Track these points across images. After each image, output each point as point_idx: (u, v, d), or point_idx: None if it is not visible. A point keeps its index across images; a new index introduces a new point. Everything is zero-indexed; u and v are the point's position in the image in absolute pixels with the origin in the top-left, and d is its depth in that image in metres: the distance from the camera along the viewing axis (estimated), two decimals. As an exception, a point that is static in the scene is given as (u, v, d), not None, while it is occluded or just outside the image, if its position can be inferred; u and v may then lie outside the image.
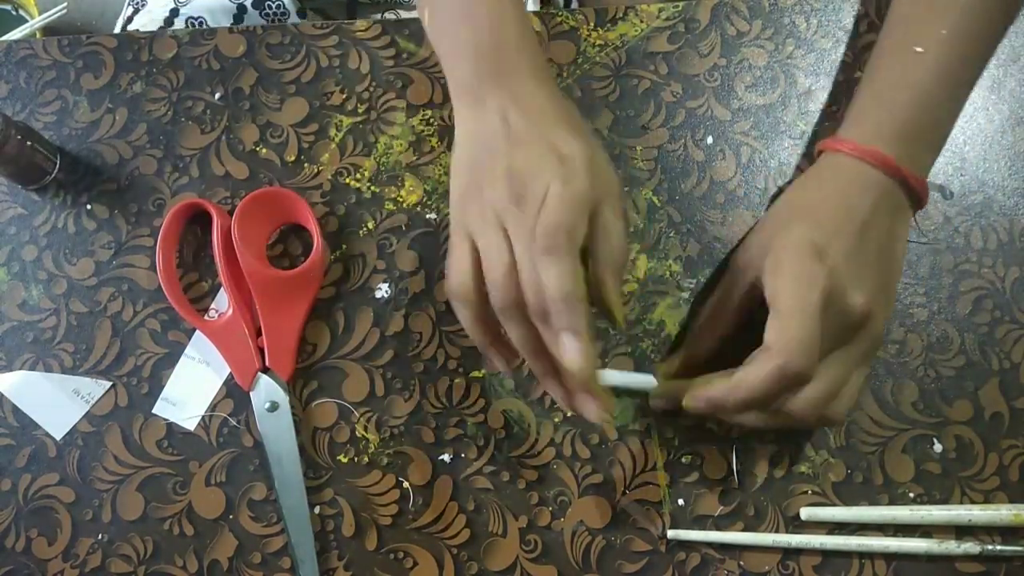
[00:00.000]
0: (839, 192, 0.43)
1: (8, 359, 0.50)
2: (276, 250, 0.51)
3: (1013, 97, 0.52)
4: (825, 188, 0.44)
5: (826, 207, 0.43)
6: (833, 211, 0.43)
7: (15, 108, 0.53)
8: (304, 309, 0.49)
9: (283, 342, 0.49)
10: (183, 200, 0.50)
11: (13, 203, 0.52)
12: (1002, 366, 0.49)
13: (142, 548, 0.48)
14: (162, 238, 0.49)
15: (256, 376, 0.48)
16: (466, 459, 0.48)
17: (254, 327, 0.49)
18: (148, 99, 0.53)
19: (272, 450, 0.48)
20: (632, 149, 0.52)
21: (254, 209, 0.49)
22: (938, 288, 0.50)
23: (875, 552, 0.46)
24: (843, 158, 0.44)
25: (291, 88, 0.53)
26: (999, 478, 0.47)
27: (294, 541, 0.47)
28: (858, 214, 0.42)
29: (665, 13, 0.54)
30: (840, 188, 0.43)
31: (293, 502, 0.47)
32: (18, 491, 0.48)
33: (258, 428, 0.48)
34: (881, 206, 0.43)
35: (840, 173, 0.44)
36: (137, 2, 0.66)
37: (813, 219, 0.42)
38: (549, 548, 0.47)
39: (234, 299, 0.49)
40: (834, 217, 0.42)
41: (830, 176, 0.45)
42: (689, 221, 0.51)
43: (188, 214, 0.51)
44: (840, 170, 0.44)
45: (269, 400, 0.48)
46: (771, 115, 0.52)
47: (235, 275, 0.49)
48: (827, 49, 0.53)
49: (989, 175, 0.51)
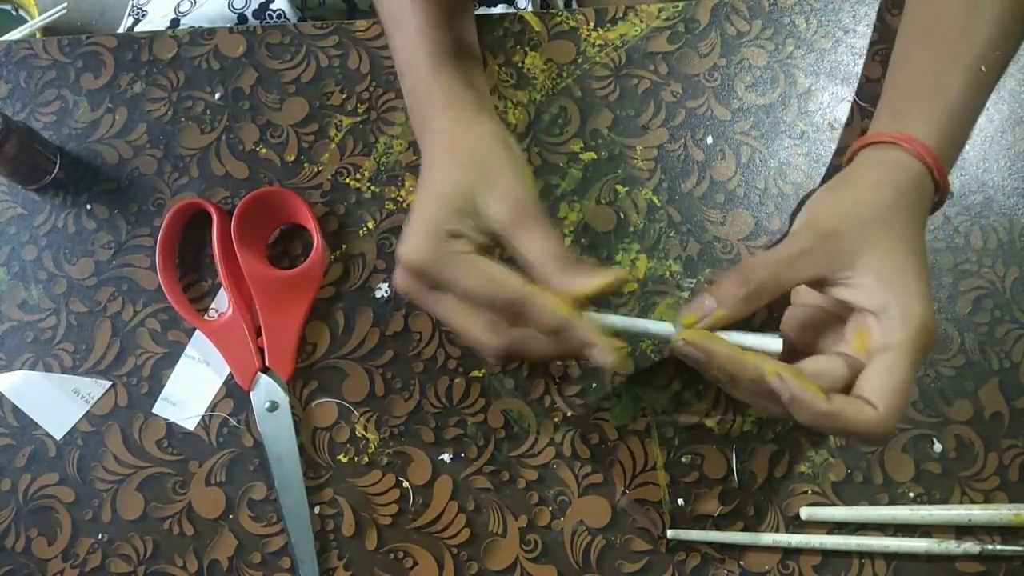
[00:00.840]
0: (910, 193, 0.42)
1: (8, 359, 0.50)
2: (276, 250, 0.51)
3: (1013, 97, 0.52)
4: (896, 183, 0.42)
5: (905, 209, 0.42)
6: (914, 216, 0.42)
7: (15, 108, 0.53)
8: (304, 309, 0.49)
9: (283, 342, 0.49)
10: (183, 200, 0.50)
11: (13, 203, 0.52)
12: (1002, 366, 0.49)
13: (142, 548, 0.48)
14: (162, 238, 0.49)
15: (256, 376, 0.48)
16: (466, 459, 0.48)
17: (254, 327, 0.49)
18: (148, 99, 0.53)
19: (272, 450, 0.48)
20: (632, 149, 0.52)
21: (254, 209, 0.49)
22: (938, 288, 0.50)
23: (875, 552, 0.46)
24: (907, 156, 0.43)
25: (291, 88, 0.53)
26: (999, 478, 0.47)
27: (294, 541, 0.47)
28: (922, 218, 0.43)
29: (665, 13, 0.54)
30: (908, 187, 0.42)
31: (293, 502, 0.47)
32: (18, 491, 0.48)
33: (258, 428, 0.48)
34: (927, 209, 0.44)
35: (910, 173, 0.43)
36: (137, 12, 0.66)
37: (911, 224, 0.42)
38: (549, 548, 0.47)
39: (234, 299, 0.49)
40: (913, 228, 0.42)
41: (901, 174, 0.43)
42: (689, 221, 0.51)
43: (188, 214, 0.51)
44: (908, 169, 0.43)
45: (269, 400, 0.48)
46: (771, 115, 0.52)
47: (235, 275, 0.49)
48: (827, 49, 0.53)
49: (989, 175, 0.51)
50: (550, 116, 0.53)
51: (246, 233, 0.49)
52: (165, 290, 0.49)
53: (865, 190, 0.42)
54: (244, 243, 0.48)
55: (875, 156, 0.44)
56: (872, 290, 0.39)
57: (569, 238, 0.51)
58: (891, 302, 0.39)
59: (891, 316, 0.39)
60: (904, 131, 0.43)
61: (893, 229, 0.41)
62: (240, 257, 0.48)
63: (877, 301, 0.39)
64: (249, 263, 0.48)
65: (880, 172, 0.43)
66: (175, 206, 0.50)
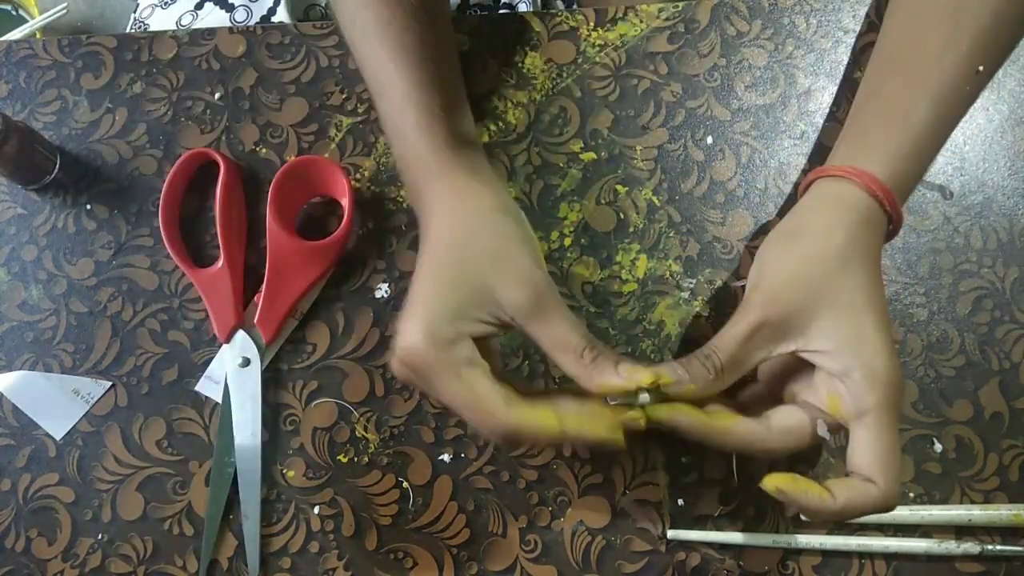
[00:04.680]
0: (860, 234, 0.41)
1: (8, 359, 0.50)
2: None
3: (1013, 97, 0.52)
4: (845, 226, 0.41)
5: (858, 252, 0.41)
6: (867, 259, 0.41)
7: (15, 108, 0.53)
8: (309, 281, 0.49)
9: (276, 306, 0.49)
10: (193, 149, 0.51)
11: (13, 203, 0.52)
12: (1002, 366, 0.49)
13: (142, 548, 0.48)
14: (168, 184, 0.50)
15: (234, 330, 0.49)
16: (466, 459, 0.48)
17: (242, 283, 0.50)
18: (148, 99, 0.53)
19: (236, 407, 0.48)
20: (632, 149, 0.52)
21: (296, 173, 0.50)
22: (938, 288, 0.50)
23: (875, 552, 0.46)
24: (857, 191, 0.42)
25: (291, 88, 0.53)
26: (999, 478, 0.47)
27: (244, 511, 0.47)
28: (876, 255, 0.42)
29: (665, 13, 0.54)
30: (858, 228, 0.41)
31: (247, 465, 0.48)
32: (18, 491, 0.48)
33: (227, 382, 0.49)
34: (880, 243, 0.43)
35: (859, 210, 0.41)
36: (140, 25, 0.66)
37: (863, 270, 0.40)
38: (549, 548, 0.47)
39: (226, 252, 0.49)
40: (866, 274, 0.40)
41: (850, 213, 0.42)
42: (689, 221, 0.51)
43: (198, 164, 0.51)
44: (858, 205, 0.42)
45: (242, 356, 0.49)
46: (771, 115, 0.52)
47: (236, 228, 0.50)
48: (827, 49, 0.53)
49: (989, 175, 0.51)
50: (550, 116, 0.53)
51: (282, 196, 0.49)
52: (163, 235, 0.50)
53: (814, 240, 0.41)
54: (276, 205, 0.49)
55: (826, 191, 0.43)
56: (832, 355, 0.39)
57: (569, 238, 0.51)
58: (852, 365, 0.38)
59: (856, 380, 0.38)
60: (858, 164, 0.42)
61: (846, 280, 0.40)
62: (268, 217, 0.49)
63: (839, 366, 0.39)
64: (274, 224, 0.49)
65: (830, 215, 0.42)
66: (184, 155, 0.50)
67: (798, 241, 0.42)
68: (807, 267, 0.40)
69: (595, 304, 0.50)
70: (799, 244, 0.42)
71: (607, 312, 0.50)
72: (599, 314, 0.49)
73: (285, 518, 0.48)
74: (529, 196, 0.51)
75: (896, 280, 0.50)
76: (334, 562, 0.47)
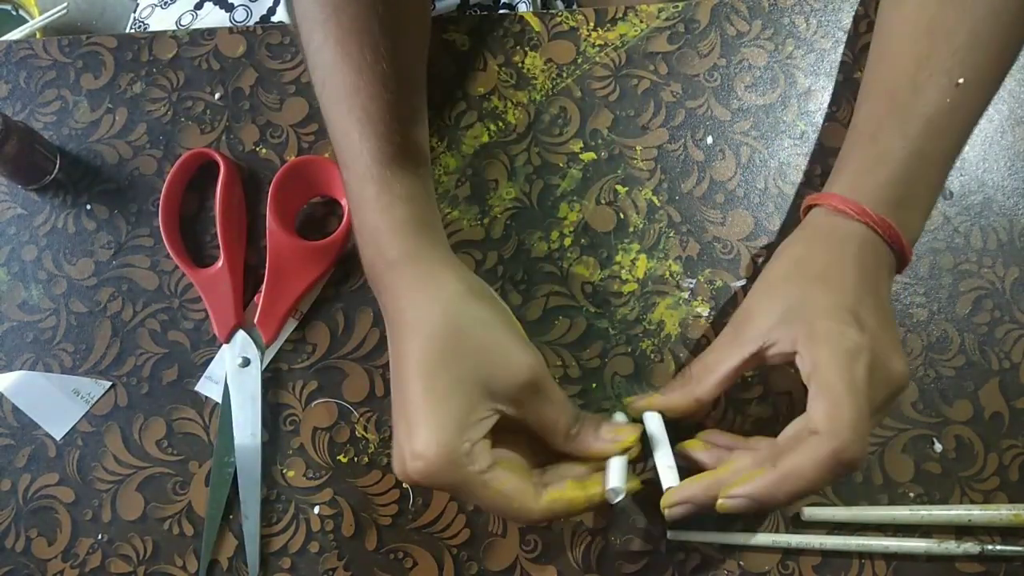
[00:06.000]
0: (852, 256, 0.41)
1: (8, 359, 0.50)
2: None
3: (1013, 97, 0.52)
4: (834, 251, 0.42)
5: (842, 271, 0.41)
6: (854, 276, 0.41)
7: (15, 108, 0.53)
8: (309, 281, 0.49)
9: (277, 306, 0.49)
10: (193, 149, 0.51)
11: (13, 203, 0.52)
12: (1002, 366, 0.49)
13: (142, 548, 0.48)
14: (168, 184, 0.50)
15: (234, 330, 0.49)
16: (466, 459, 0.48)
17: (241, 283, 0.50)
18: (148, 99, 0.53)
19: (236, 407, 0.48)
20: (632, 149, 0.52)
21: (295, 173, 0.50)
22: (938, 288, 0.50)
23: (875, 552, 0.46)
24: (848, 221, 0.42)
25: (291, 88, 0.53)
26: (999, 478, 0.47)
27: (244, 510, 0.47)
28: (873, 278, 0.41)
29: (665, 13, 0.54)
30: (853, 252, 0.42)
31: (247, 465, 0.48)
32: (18, 491, 0.48)
33: (227, 382, 0.49)
34: (885, 270, 0.42)
35: (850, 237, 0.42)
36: (140, 25, 0.66)
37: (837, 285, 0.41)
38: (549, 548, 0.47)
39: (226, 252, 0.49)
40: (856, 283, 0.41)
41: (839, 239, 0.42)
42: (689, 221, 0.51)
43: (198, 164, 0.51)
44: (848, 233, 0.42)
45: (242, 355, 0.49)
46: (771, 115, 0.52)
47: (235, 228, 0.50)
48: (827, 49, 0.53)
49: (989, 175, 0.51)
50: (550, 116, 0.53)
51: (282, 196, 0.49)
52: (163, 235, 0.50)
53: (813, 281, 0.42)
54: (276, 205, 0.49)
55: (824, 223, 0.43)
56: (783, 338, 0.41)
57: (569, 238, 0.51)
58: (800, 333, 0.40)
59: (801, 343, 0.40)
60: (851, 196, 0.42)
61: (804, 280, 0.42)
62: (268, 217, 0.49)
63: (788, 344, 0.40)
64: (274, 224, 0.49)
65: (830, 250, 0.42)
66: (184, 155, 0.50)
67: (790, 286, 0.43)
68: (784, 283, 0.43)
69: (595, 304, 0.50)
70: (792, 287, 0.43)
71: (607, 312, 0.50)
72: (599, 314, 0.50)
73: (285, 518, 0.48)
74: (529, 196, 0.51)
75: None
76: (334, 562, 0.47)
